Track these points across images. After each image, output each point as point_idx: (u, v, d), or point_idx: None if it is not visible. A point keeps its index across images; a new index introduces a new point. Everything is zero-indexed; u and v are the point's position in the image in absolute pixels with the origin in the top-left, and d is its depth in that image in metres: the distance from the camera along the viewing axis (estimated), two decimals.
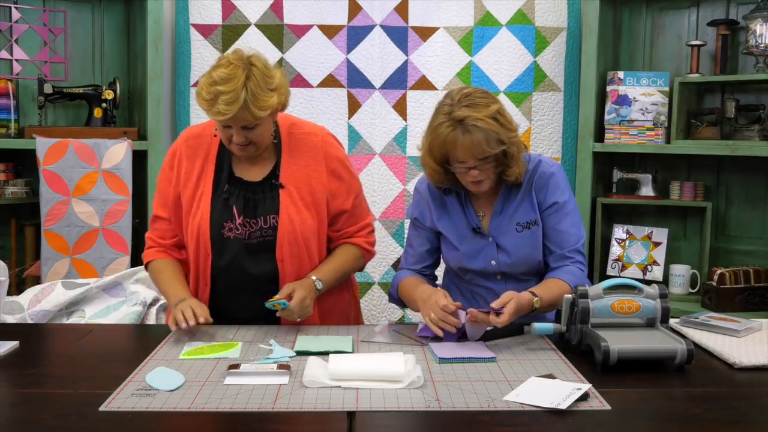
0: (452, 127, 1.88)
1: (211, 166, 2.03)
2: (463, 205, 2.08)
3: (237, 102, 1.82)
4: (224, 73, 1.83)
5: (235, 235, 1.99)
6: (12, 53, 3.25)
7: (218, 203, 2.00)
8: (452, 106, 1.90)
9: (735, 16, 3.22)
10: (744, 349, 1.79)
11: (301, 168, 2.03)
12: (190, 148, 2.05)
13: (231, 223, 1.99)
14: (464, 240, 2.08)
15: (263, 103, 1.86)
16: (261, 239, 2.00)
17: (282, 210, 1.99)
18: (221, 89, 1.81)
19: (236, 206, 1.99)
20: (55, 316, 2.60)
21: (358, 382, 1.55)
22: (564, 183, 2.06)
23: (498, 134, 1.88)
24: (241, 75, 1.83)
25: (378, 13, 3.40)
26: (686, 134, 3.29)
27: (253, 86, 1.84)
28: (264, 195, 2.01)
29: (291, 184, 2.01)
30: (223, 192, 2.00)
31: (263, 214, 1.99)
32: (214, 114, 1.85)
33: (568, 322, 1.82)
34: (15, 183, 3.21)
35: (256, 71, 1.86)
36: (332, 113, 3.40)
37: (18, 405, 1.49)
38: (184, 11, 3.39)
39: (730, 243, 3.32)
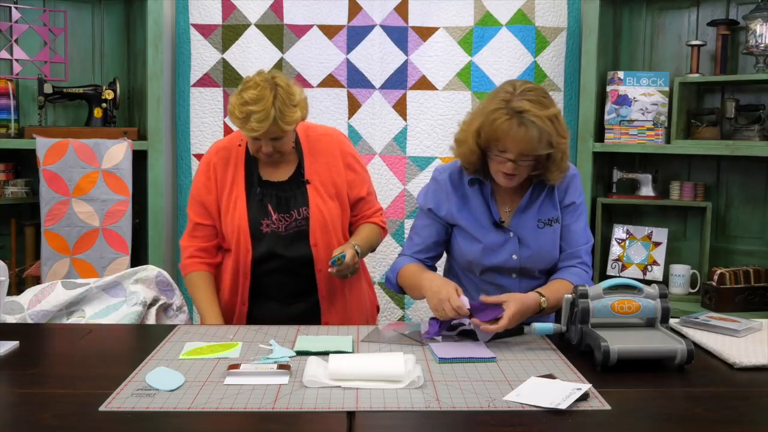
0: (509, 116, 1.88)
1: (241, 172, 2.27)
2: (486, 198, 2.07)
3: (267, 119, 2.06)
4: (254, 94, 2.07)
5: (272, 229, 2.24)
6: (12, 53, 3.25)
7: (254, 203, 2.25)
8: (512, 96, 1.89)
9: (735, 16, 3.22)
10: (744, 349, 1.79)
11: (322, 165, 2.29)
12: (222, 159, 2.29)
13: (268, 219, 2.24)
14: (485, 233, 2.06)
15: (289, 118, 2.11)
16: (296, 229, 2.25)
17: (311, 202, 2.25)
18: (253, 109, 2.06)
19: (270, 204, 2.25)
20: (55, 316, 2.60)
21: (358, 382, 1.55)
22: (581, 187, 2.12)
23: (551, 136, 1.89)
24: (269, 95, 2.07)
25: (378, 13, 3.40)
26: (686, 134, 3.29)
27: (280, 104, 2.08)
28: (293, 192, 2.26)
29: (315, 180, 2.27)
30: (256, 194, 2.25)
31: (295, 207, 2.25)
32: (248, 131, 2.09)
33: (568, 322, 1.82)
34: (15, 183, 3.21)
35: (281, 90, 2.10)
36: (332, 113, 3.40)
37: (18, 405, 1.49)
38: (184, 11, 3.39)
39: (730, 243, 3.32)
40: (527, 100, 1.88)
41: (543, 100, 1.91)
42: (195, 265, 2.32)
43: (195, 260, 2.32)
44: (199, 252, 2.32)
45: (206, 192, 2.29)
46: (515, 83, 1.95)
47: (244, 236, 2.24)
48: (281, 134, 2.14)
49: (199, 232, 2.32)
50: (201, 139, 3.41)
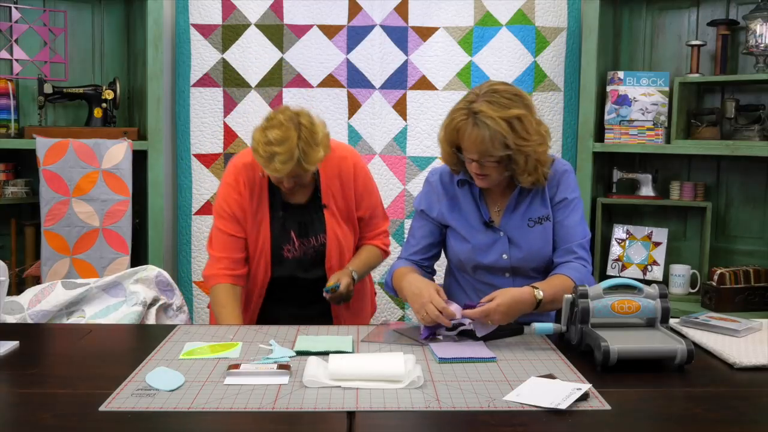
0: (465, 117, 1.90)
1: (266, 194, 2.30)
2: (476, 198, 2.08)
3: (291, 161, 2.08)
4: (278, 134, 2.07)
5: (293, 255, 2.32)
6: (12, 53, 3.25)
7: (276, 227, 2.30)
8: (477, 96, 1.92)
9: (735, 16, 3.22)
10: (744, 349, 1.79)
11: (338, 187, 2.33)
12: (248, 178, 2.30)
13: (290, 245, 2.31)
14: (475, 233, 2.08)
15: (313, 158, 2.13)
16: (314, 254, 2.33)
17: (328, 228, 2.31)
18: (277, 150, 2.07)
19: (293, 230, 2.31)
20: (55, 316, 2.60)
21: (358, 382, 1.55)
22: (574, 182, 2.10)
23: (505, 138, 1.87)
24: (294, 135, 2.08)
25: (378, 13, 3.40)
26: (686, 134, 3.29)
27: (304, 144, 2.09)
28: (312, 216, 2.32)
29: (332, 203, 2.33)
30: (279, 217, 2.30)
31: (314, 234, 2.32)
32: (271, 171, 2.11)
33: (568, 322, 1.82)
34: (15, 183, 3.21)
35: (305, 130, 2.11)
36: (332, 113, 3.40)
37: (18, 405, 1.49)
38: (184, 11, 3.39)
39: (730, 243, 3.32)
40: (487, 101, 1.89)
41: (506, 101, 1.89)
42: (222, 278, 2.29)
43: (223, 271, 2.29)
44: (230, 263, 2.30)
45: (238, 207, 2.29)
46: (485, 84, 1.96)
47: (265, 260, 2.30)
48: (303, 174, 2.17)
49: (232, 243, 2.30)
50: (201, 139, 3.41)
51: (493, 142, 1.87)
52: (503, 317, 1.83)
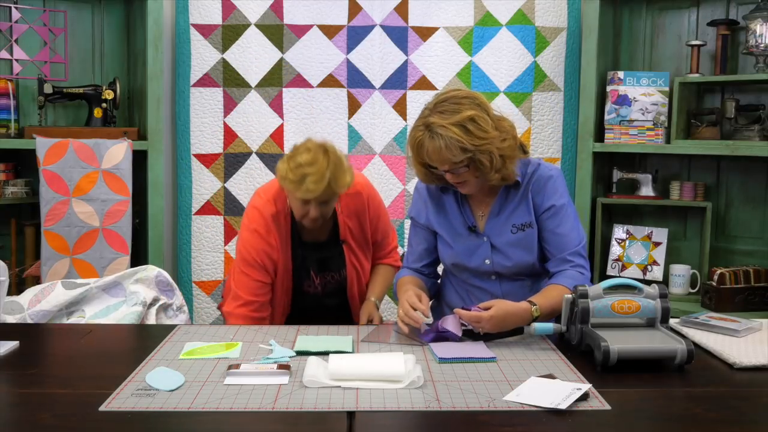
0: (422, 132, 1.92)
1: (287, 234, 2.33)
2: (459, 204, 2.10)
3: (323, 181, 2.10)
4: (307, 158, 2.12)
5: (313, 291, 2.38)
6: (12, 53, 3.25)
7: (296, 264, 2.34)
8: (430, 111, 1.93)
9: (735, 16, 3.22)
10: (744, 349, 1.79)
11: (354, 222, 2.38)
12: (279, 228, 2.31)
13: (309, 281, 2.37)
14: (459, 239, 2.09)
15: (342, 181, 2.16)
16: (335, 286, 2.40)
17: (348, 262, 2.38)
18: (308, 171, 2.10)
19: (312, 268, 2.36)
20: (55, 316, 2.60)
21: (358, 382, 1.55)
22: (562, 187, 2.06)
23: (461, 142, 1.87)
24: (323, 159, 2.12)
25: (378, 13, 3.40)
26: (686, 134, 3.29)
27: (333, 167, 2.13)
28: (331, 252, 2.37)
29: (350, 239, 2.38)
30: (299, 256, 2.34)
31: (334, 269, 2.38)
32: (303, 192, 2.12)
33: (568, 322, 1.82)
34: (15, 183, 3.21)
35: (332, 155, 2.15)
36: (332, 113, 3.40)
37: (18, 405, 1.49)
38: (184, 11, 3.39)
39: (730, 243, 3.32)
40: (438, 112, 1.90)
41: (454, 106, 1.90)
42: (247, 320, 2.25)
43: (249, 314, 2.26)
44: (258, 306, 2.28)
45: (267, 258, 2.28)
46: (436, 97, 1.97)
47: (287, 297, 2.36)
48: (332, 197, 2.20)
49: (259, 288, 2.28)
50: (201, 139, 3.41)
51: (450, 149, 1.88)
52: (492, 328, 1.84)
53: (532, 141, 3.43)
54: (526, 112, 3.41)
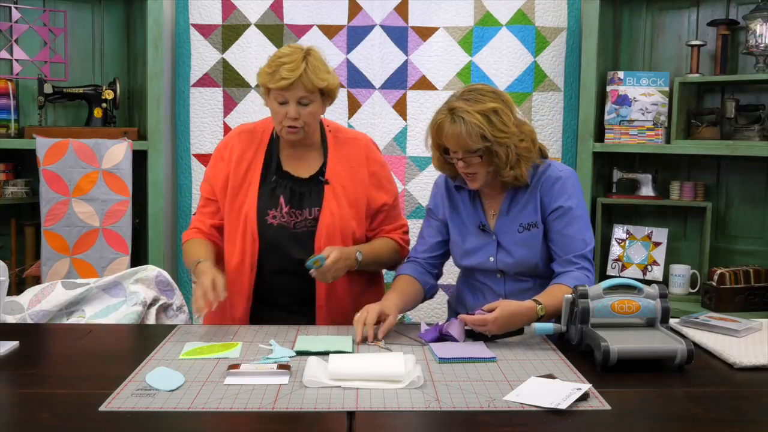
0: (444, 115, 1.96)
1: (260, 159, 2.19)
2: (472, 202, 2.12)
3: (298, 69, 2.00)
4: (286, 50, 2.06)
5: (279, 222, 2.15)
6: (12, 53, 3.25)
7: (265, 192, 2.16)
8: (456, 98, 1.98)
9: (735, 16, 3.22)
10: (744, 349, 1.79)
11: (346, 168, 2.19)
12: (243, 141, 2.21)
13: (275, 211, 2.15)
14: (468, 236, 2.11)
15: (321, 75, 2.04)
16: (305, 229, 2.16)
17: (325, 204, 2.15)
18: (283, 60, 2.02)
19: (283, 196, 2.16)
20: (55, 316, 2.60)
21: (358, 382, 1.55)
22: (572, 188, 2.05)
23: (482, 130, 1.90)
24: (301, 53, 2.04)
25: (378, 13, 3.40)
26: (686, 134, 3.29)
27: (313, 61, 2.04)
28: (310, 189, 2.17)
29: (336, 182, 2.17)
30: (270, 182, 2.16)
31: (308, 206, 2.16)
32: (276, 81, 2.01)
33: (568, 322, 1.82)
34: (15, 183, 3.21)
35: (315, 53, 2.08)
36: (332, 113, 3.39)
37: (18, 405, 1.49)
38: (184, 11, 3.39)
39: (730, 243, 3.32)
40: (464, 99, 1.95)
41: (481, 97, 1.95)
42: (195, 235, 2.24)
43: (196, 231, 2.25)
44: (203, 226, 2.25)
45: (217, 173, 2.22)
46: (464, 87, 2.02)
47: (251, 225, 2.14)
48: (310, 94, 2.04)
49: (209, 207, 2.25)
50: (201, 139, 3.41)
51: (470, 135, 1.91)
52: (498, 330, 1.84)
53: None
54: (526, 112, 3.41)
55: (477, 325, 1.83)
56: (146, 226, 3.26)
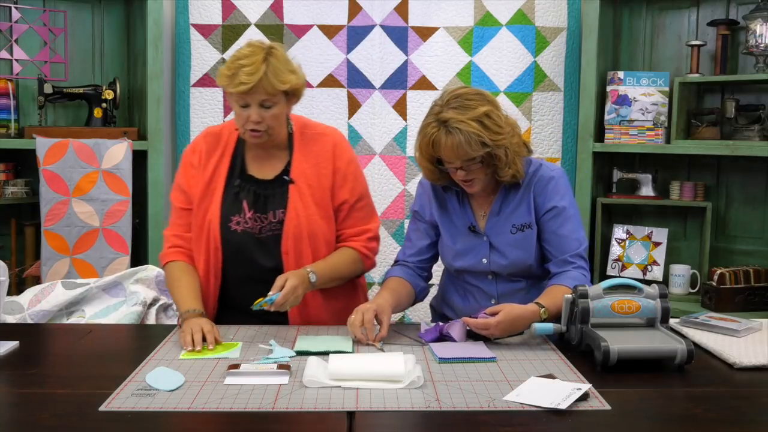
0: (437, 128, 1.91)
1: (226, 162, 2.11)
2: (461, 203, 2.09)
3: (258, 73, 1.90)
4: (246, 51, 1.95)
5: (243, 228, 2.06)
6: (12, 53, 3.25)
7: (228, 197, 2.08)
8: (441, 107, 1.93)
9: (735, 16, 3.22)
10: (744, 349, 1.79)
11: (312, 166, 2.10)
12: (209, 144, 2.13)
13: (239, 216, 2.06)
14: (459, 238, 2.09)
15: (283, 77, 1.94)
16: (271, 233, 2.06)
17: (290, 205, 2.05)
18: (242, 62, 1.91)
19: (246, 201, 2.07)
20: (55, 316, 2.60)
21: (358, 382, 1.55)
22: (564, 188, 2.04)
23: (480, 137, 1.88)
24: (262, 53, 1.93)
25: (378, 13, 3.40)
26: (686, 134, 3.29)
27: (274, 61, 1.93)
28: (274, 191, 2.08)
29: (301, 181, 2.07)
30: (233, 187, 2.08)
31: (273, 209, 2.06)
32: (236, 86, 1.91)
33: (568, 322, 1.82)
34: (15, 183, 3.21)
35: (277, 53, 1.96)
36: (332, 113, 3.40)
37: (18, 405, 1.49)
38: (184, 11, 3.39)
39: (730, 243, 3.32)
40: (452, 108, 1.90)
41: (468, 103, 1.91)
42: (175, 255, 2.12)
43: (176, 250, 2.13)
44: (182, 241, 2.13)
45: (188, 178, 2.12)
46: (445, 93, 1.97)
47: (213, 233, 2.05)
48: (272, 97, 1.94)
49: (183, 219, 2.13)
50: None
51: (470, 143, 1.88)
52: (501, 333, 1.83)
53: (532, 141, 3.43)
54: (526, 112, 3.41)
55: (480, 329, 1.82)
56: (146, 226, 3.26)
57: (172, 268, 2.12)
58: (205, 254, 2.08)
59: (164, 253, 2.16)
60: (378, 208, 3.39)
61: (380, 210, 3.40)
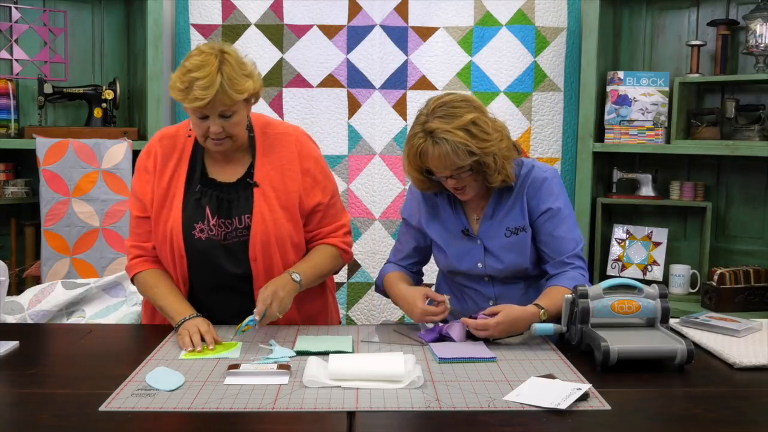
0: (423, 139, 1.89)
1: (185, 166, 2.01)
2: (453, 207, 2.08)
3: (213, 86, 1.80)
4: (197, 60, 1.83)
5: (208, 236, 1.97)
6: (12, 53, 3.25)
7: (190, 203, 1.98)
8: (427, 116, 1.90)
9: (735, 16, 3.22)
10: (744, 349, 1.79)
11: (276, 168, 2.02)
12: (164, 148, 2.03)
13: (203, 223, 1.97)
14: (452, 242, 2.07)
15: (239, 86, 1.84)
16: (237, 239, 1.98)
17: (256, 210, 1.97)
18: (195, 75, 1.80)
19: (209, 207, 1.98)
20: (55, 316, 2.60)
21: (358, 382, 1.55)
22: (558, 188, 2.03)
23: (467, 146, 1.86)
24: (215, 61, 1.82)
25: (378, 13, 3.40)
26: (686, 134, 3.29)
27: (228, 70, 1.83)
28: (238, 195, 1.99)
29: (266, 184, 1.99)
30: (195, 192, 1.98)
31: (238, 214, 1.98)
32: (191, 101, 1.82)
33: (568, 322, 1.82)
34: (15, 183, 3.21)
35: (230, 57, 1.85)
36: (332, 113, 3.40)
37: (18, 405, 1.49)
38: (184, 11, 3.39)
39: (730, 243, 3.32)
40: (438, 117, 1.87)
41: (454, 111, 1.88)
42: (141, 265, 2.04)
43: (140, 260, 2.04)
44: (145, 252, 2.04)
45: (144, 185, 2.02)
46: (430, 102, 1.94)
47: (177, 242, 1.96)
48: (230, 107, 1.86)
49: (142, 227, 2.04)
50: None
51: (457, 153, 1.86)
52: (500, 334, 1.83)
53: (532, 141, 3.43)
54: (526, 112, 3.41)
55: (479, 329, 1.82)
56: None
57: (144, 277, 2.03)
58: (171, 263, 2.00)
59: (129, 265, 2.07)
60: (378, 208, 3.41)
61: (380, 210, 3.41)
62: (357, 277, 3.41)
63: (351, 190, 3.41)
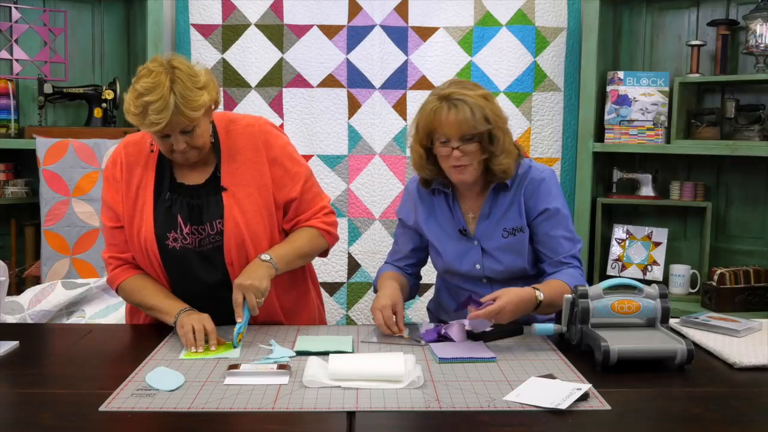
0: (439, 102, 1.89)
1: (152, 173, 1.96)
2: (450, 206, 2.07)
3: (168, 108, 1.76)
4: (148, 82, 1.78)
5: (182, 245, 1.94)
6: (12, 53, 3.26)
7: (161, 212, 1.94)
8: (442, 89, 1.93)
9: (735, 16, 3.22)
10: (744, 349, 1.79)
11: (242, 165, 1.97)
12: (130, 156, 1.99)
13: (176, 232, 1.93)
14: (449, 243, 2.06)
15: (194, 103, 1.80)
16: (212, 246, 1.95)
17: (227, 214, 1.93)
18: (148, 99, 1.76)
19: (181, 215, 1.94)
20: (55, 316, 2.60)
21: (358, 382, 1.55)
22: (556, 189, 2.02)
23: (484, 110, 1.87)
24: (165, 80, 1.78)
25: (378, 13, 3.40)
26: (686, 134, 3.29)
27: (181, 88, 1.78)
28: (208, 199, 1.95)
29: (234, 185, 1.95)
30: (165, 200, 1.94)
31: (209, 219, 1.94)
32: (148, 126, 1.79)
33: (568, 322, 1.82)
34: (15, 183, 3.22)
35: (180, 73, 1.80)
36: (332, 113, 3.40)
37: (18, 405, 1.49)
38: (184, 11, 3.39)
39: (730, 243, 3.32)
40: (454, 86, 1.92)
41: (470, 85, 1.95)
42: (123, 273, 2.00)
43: (121, 269, 2.00)
44: (125, 261, 2.00)
45: (114, 193, 1.98)
46: (447, 81, 1.98)
47: (152, 252, 1.93)
48: (189, 124, 1.81)
49: (117, 238, 1.99)
50: None
51: (475, 115, 1.86)
52: (511, 316, 1.81)
53: (532, 141, 3.43)
54: (526, 112, 3.41)
55: (492, 315, 1.78)
56: None
57: (129, 284, 2.00)
58: (152, 273, 1.98)
59: (110, 277, 2.03)
60: (378, 208, 3.41)
61: (380, 210, 3.41)
62: (357, 277, 3.41)
63: (351, 190, 3.41)
